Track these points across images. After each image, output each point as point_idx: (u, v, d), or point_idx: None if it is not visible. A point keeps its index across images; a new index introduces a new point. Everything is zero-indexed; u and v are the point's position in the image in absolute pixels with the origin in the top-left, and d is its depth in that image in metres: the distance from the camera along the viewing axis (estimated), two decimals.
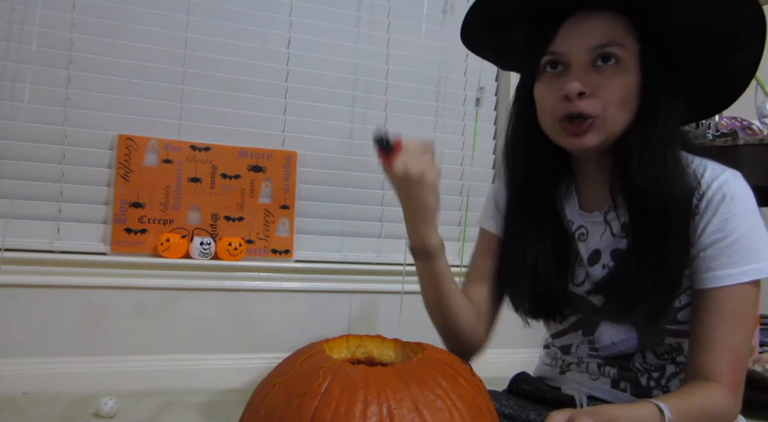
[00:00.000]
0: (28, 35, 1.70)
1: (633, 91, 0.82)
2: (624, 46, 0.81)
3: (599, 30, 0.82)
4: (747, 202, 0.81)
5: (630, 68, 0.82)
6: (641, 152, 0.82)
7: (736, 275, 0.78)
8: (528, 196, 0.94)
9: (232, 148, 1.88)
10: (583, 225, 0.93)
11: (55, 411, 1.47)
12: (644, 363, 0.90)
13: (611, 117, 0.82)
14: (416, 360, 0.66)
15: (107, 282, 1.71)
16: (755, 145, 1.60)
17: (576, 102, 0.82)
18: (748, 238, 0.79)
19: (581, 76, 0.82)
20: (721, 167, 0.84)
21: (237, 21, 1.92)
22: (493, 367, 1.20)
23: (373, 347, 0.73)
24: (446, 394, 0.59)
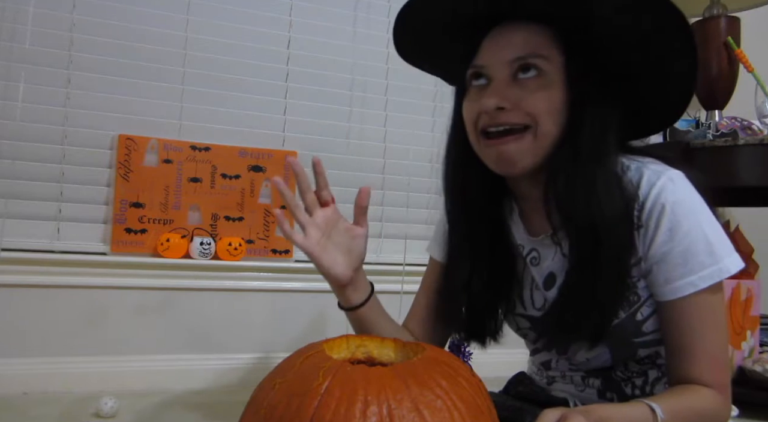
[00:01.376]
0: (21, 34, 1.70)
1: (559, 106, 0.78)
2: (546, 57, 0.78)
3: (520, 42, 0.79)
4: (690, 206, 0.77)
5: (554, 81, 0.78)
6: (568, 172, 0.78)
7: (696, 282, 0.75)
8: (464, 219, 0.90)
9: (232, 148, 1.87)
10: (534, 249, 0.89)
11: (55, 411, 1.47)
12: (626, 371, 0.89)
13: (543, 127, 0.78)
14: (416, 360, 0.66)
15: (107, 282, 1.71)
16: (755, 145, 1.60)
17: (498, 115, 0.78)
18: (699, 243, 0.76)
19: (501, 90, 0.78)
20: (657, 171, 0.78)
21: (237, 21, 1.92)
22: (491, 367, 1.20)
23: (373, 347, 0.73)
24: (446, 394, 0.59)
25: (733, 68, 1.96)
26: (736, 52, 1.87)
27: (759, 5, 2.06)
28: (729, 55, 1.93)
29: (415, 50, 0.93)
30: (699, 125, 1.87)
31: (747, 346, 1.69)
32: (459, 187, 0.90)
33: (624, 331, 0.83)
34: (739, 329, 1.67)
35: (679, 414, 0.71)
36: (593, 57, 0.79)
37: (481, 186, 0.88)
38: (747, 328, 1.69)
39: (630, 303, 0.82)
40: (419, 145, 2.09)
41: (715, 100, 2.00)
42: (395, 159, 2.07)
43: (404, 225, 2.05)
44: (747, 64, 1.80)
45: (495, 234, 0.90)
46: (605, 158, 0.78)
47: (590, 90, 0.79)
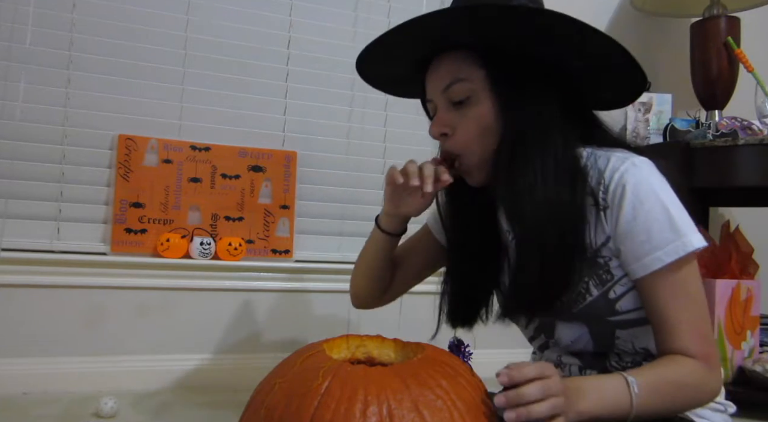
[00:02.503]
0: (21, 34, 1.70)
1: (490, 117, 0.86)
2: (467, 79, 0.87)
3: (444, 72, 0.89)
4: (651, 186, 0.81)
5: (481, 96, 0.87)
6: (508, 167, 0.84)
7: (661, 257, 0.78)
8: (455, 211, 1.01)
9: (232, 148, 1.88)
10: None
11: (55, 411, 1.47)
12: (620, 361, 0.91)
13: (477, 151, 0.88)
14: (416, 360, 0.66)
15: (107, 282, 1.71)
16: (755, 145, 1.60)
17: (444, 142, 0.91)
18: (660, 219, 0.79)
19: (443, 117, 0.90)
20: (623, 157, 0.84)
21: (237, 21, 1.92)
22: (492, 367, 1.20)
23: (373, 347, 0.74)
24: (446, 394, 0.59)
25: (733, 68, 1.96)
26: (736, 52, 1.87)
27: (759, 5, 2.06)
28: (729, 55, 1.93)
29: (385, 88, 1.12)
30: (699, 125, 1.87)
31: (747, 346, 1.69)
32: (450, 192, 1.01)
33: (597, 309, 0.87)
34: (739, 329, 1.67)
35: (656, 385, 0.73)
36: (510, 61, 0.86)
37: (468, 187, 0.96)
38: (747, 328, 1.69)
39: (603, 281, 0.86)
40: (419, 145, 2.09)
41: (715, 100, 2.00)
42: (395, 159, 2.07)
43: None
44: (747, 64, 1.80)
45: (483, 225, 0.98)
46: (531, 151, 0.83)
47: (512, 92, 0.86)
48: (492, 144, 0.87)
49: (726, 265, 1.73)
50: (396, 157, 2.07)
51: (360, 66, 1.01)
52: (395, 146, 2.08)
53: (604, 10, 2.30)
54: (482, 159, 0.88)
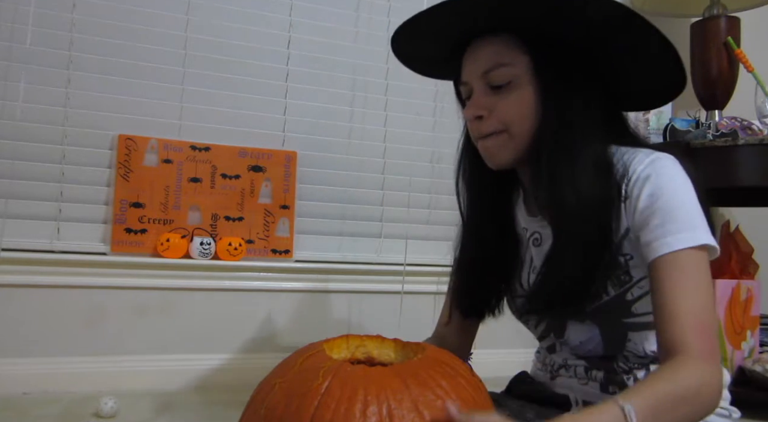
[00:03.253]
0: (21, 34, 1.70)
1: (532, 103, 0.86)
2: (510, 64, 0.86)
3: (485, 55, 0.88)
4: (673, 179, 0.82)
5: (523, 82, 0.86)
6: (541, 160, 0.84)
7: (671, 242, 0.78)
8: (474, 208, 0.99)
9: (232, 148, 1.88)
10: (536, 231, 0.95)
11: (55, 411, 1.47)
12: (627, 362, 0.90)
13: (515, 130, 0.86)
14: (416, 360, 0.66)
15: (107, 282, 1.71)
16: (755, 145, 1.60)
17: (478, 125, 0.89)
18: (678, 209, 0.79)
19: (480, 99, 0.89)
20: (649, 152, 0.85)
21: (237, 21, 1.92)
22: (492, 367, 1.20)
23: (373, 347, 0.74)
24: (446, 394, 0.59)
25: (733, 68, 1.96)
26: (736, 52, 1.87)
27: (759, 5, 2.06)
28: (729, 55, 1.93)
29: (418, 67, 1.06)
30: (699, 125, 1.87)
31: (747, 346, 1.69)
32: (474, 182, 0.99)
33: (613, 310, 0.87)
34: (739, 329, 1.67)
35: (656, 407, 0.69)
36: (557, 49, 0.86)
37: (491, 178, 0.96)
38: (747, 328, 1.69)
39: (621, 283, 0.86)
40: (419, 145, 2.09)
41: (715, 100, 2.00)
42: (395, 159, 2.07)
43: (404, 226, 2.05)
44: (747, 64, 1.80)
45: (502, 223, 0.98)
46: (573, 143, 0.83)
47: (556, 81, 0.85)
48: (529, 128, 0.86)
49: (726, 265, 1.73)
50: (396, 157, 2.07)
51: (395, 42, 0.98)
52: (395, 146, 2.08)
53: None
54: (517, 140, 0.87)
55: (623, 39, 0.83)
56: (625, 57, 0.87)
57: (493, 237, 0.97)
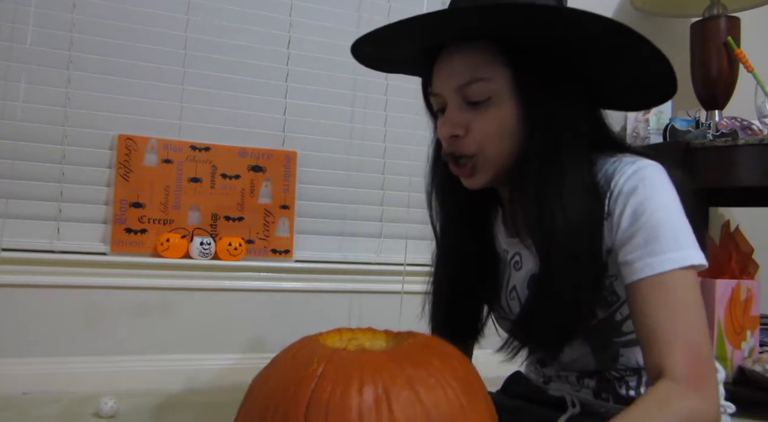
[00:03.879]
0: (21, 34, 1.70)
1: (512, 120, 0.79)
2: (489, 79, 0.78)
3: (461, 68, 0.80)
4: (657, 193, 0.75)
5: (503, 98, 0.78)
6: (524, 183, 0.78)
7: (654, 264, 0.72)
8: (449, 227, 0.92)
9: (232, 148, 1.88)
10: (517, 252, 0.89)
11: (55, 411, 1.47)
12: (619, 372, 0.88)
13: (491, 153, 0.79)
14: (407, 344, 0.66)
15: (107, 282, 1.71)
16: (755, 145, 1.60)
17: (453, 144, 0.81)
18: (662, 227, 0.73)
19: (454, 116, 0.80)
20: (631, 162, 0.78)
21: (237, 21, 1.92)
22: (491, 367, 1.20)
23: (365, 339, 0.74)
24: (439, 372, 0.60)
25: (733, 68, 1.96)
26: (736, 52, 1.87)
27: (759, 5, 2.06)
28: (729, 55, 1.93)
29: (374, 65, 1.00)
30: (699, 125, 1.87)
31: (747, 346, 1.69)
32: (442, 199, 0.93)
33: (604, 331, 0.82)
34: (739, 329, 1.67)
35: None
36: (540, 62, 0.79)
37: (462, 196, 0.89)
38: (747, 328, 1.69)
39: (609, 304, 0.82)
40: (419, 145, 2.09)
41: (715, 100, 2.00)
42: (395, 159, 2.07)
43: (404, 226, 2.05)
44: (747, 64, 1.80)
45: (480, 242, 0.91)
46: (562, 167, 0.77)
47: (541, 97, 0.78)
48: (509, 147, 0.79)
49: (726, 265, 1.73)
50: (396, 157, 2.07)
51: (357, 48, 0.93)
52: (395, 146, 2.08)
53: (604, 10, 2.30)
54: (495, 161, 0.80)
55: (613, 49, 0.77)
56: (614, 64, 0.81)
57: (474, 259, 0.90)
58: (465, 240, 0.90)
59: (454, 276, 0.90)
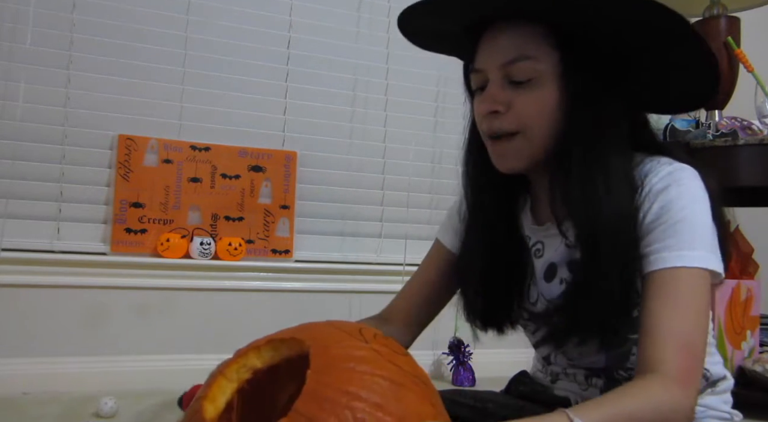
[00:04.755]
0: (21, 34, 1.70)
1: (554, 103, 0.78)
2: (535, 58, 0.77)
3: (509, 44, 0.78)
4: (688, 194, 0.75)
5: (547, 81, 0.78)
6: (567, 168, 0.77)
7: (668, 258, 0.73)
8: (482, 211, 0.90)
9: (232, 148, 1.87)
10: (539, 241, 0.90)
11: (55, 411, 1.47)
12: (629, 371, 0.87)
13: (531, 132, 0.78)
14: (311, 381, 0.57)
15: (107, 282, 1.71)
16: (755, 145, 1.60)
17: (492, 121, 0.79)
18: (685, 226, 0.74)
19: (496, 93, 0.79)
20: (668, 163, 0.78)
21: (237, 21, 1.92)
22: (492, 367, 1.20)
23: (255, 358, 0.70)
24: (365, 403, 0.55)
25: (733, 68, 1.96)
26: (736, 52, 1.87)
27: (759, 5, 2.06)
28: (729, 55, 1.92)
29: (421, 42, 0.95)
30: (699, 125, 1.87)
31: (747, 346, 1.69)
32: (480, 184, 0.91)
33: (620, 327, 0.81)
34: (739, 329, 1.67)
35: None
36: (591, 49, 0.78)
37: (497, 182, 0.88)
38: (747, 328, 1.69)
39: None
40: (419, 145, 2.09)
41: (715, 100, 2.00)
42: (395, 159, 2.07)
43: (404, 225, 2.05)
44: (747, 64, 1.79)
45: (510, 227, 0.91)
46: (606, 154, 0.77)
47: (588, 85, 0.78)
48: (548, 133, 0.78)
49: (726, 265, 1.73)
50: (396, 157, 2.07)
51: (404, 20, 0.87)
52: (395, 146, 2.08)
53: None
54: (535, 142, 0.79)
55: (668, 48, 0.77)
56: (664, 65, 0.81)
57: (504, 243, 0.89)
58: (497, 224, 0.89)
59: (487, 261, 0.89)
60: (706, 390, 0.85)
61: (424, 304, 0.98)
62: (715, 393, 0.86)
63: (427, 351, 1.96)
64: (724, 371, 0.88)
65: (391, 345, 0.64)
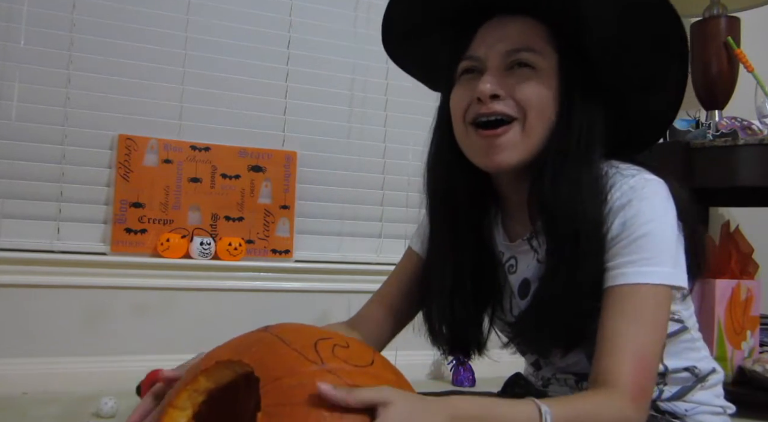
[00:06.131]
0: (21, 34, 1.69)
1: (550, 101, 0.78)
2: (541, 53, 0.78)
3: (515, 34, 0.78)
4: (651, 206, 0.74)
5: (546, 78, 0.78)
6: (555, 171, 0.77)
7: (629, 274, 0.72)
8: (448, 222, 0.88)
9: (232, 148, 1.87)
10: (513, 257, 0.88)
11: (55, 411, 1.47)
12: None
13: (529, 122, 0.77)
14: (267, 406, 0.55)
15: (107, 282, 1.71)
16: (755, 145, 1.60)
17: (491, 104, 0.77)
18: (648, 240, 0.73)
19: (498, 77, 0.77)
20: (633, 174, 0.77)
21: (237, 21, 1.92)
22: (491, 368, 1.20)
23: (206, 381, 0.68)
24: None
25: (733, 68, 1.96)
26: (736, 52, 1.87)
27: (759, 5, 2.06)
28: (729, 55, 1.92)
29: (400, 46, 0.95)
30: (699, 125, 1.87)
31: (747, 346, 1.69)
32: (447, 195, 0.89)
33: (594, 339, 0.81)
34: (739, 329, 1.67)
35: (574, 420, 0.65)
36: (584, 61, 0.80)
37: (467, 192, 0.86)
38: (747, 328, 1.69)
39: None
40: (419, 145, 2.08)
41: (715, 100, 2.00)
42: (395, 159, 2.07)
43: (404, 225, 2.05)
44: (747, 64, 1.79)
45: (479, 241, 0.88)
46: (591, 161, 0.77)
47: (580, 92, 0.79)
48: (544, 124, 0.78)
49: (726, 265, 1.73)
50: (396, 157, 2.07)
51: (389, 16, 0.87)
52: (395, 146, 2.08)
53: None
54: (529, 136, 0.77)
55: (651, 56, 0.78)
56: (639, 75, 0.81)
57: (470, 260, 0.86)
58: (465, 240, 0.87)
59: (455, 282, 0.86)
60: (696, 386, 0.85)
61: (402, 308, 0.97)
62: (706, 387, 0.86)
63: (427, 352, 1.95)
64: (713, 364, 0.88)
65: (353, 357, 0.59)
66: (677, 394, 0.84)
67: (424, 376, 1.98)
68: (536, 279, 0.82)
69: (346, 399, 0.52)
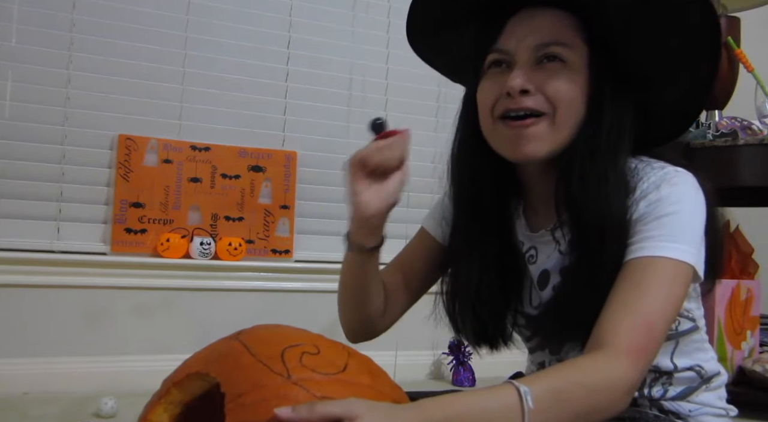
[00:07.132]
0: (21, 34, 1.69)
1: (579, 96, 0.77)
2: (571, 47, 0.77)
3: (545, 28, 0.77)
4: (682, 193, 0.74)
5: (577, 72, 0.77)
6: (584, 166, 0.76)
7: (650, 247, 0.71)
8: (473, 214, 0.87)
9: (232, 148, 1.87)
10: (533, 247, 0.88)
11: (55, 411, 1.47)
12: None
13: (559, 117, 0.76)
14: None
15: (107, 282, 1.71)
16: (755, 145, 1.60)
17: (521, 99, 0.76)
18: (671, 219, 0.72)
19: (528, 72, 0.76)
20: (663, 166, 0.77)
21: (237, 21, 1.92)
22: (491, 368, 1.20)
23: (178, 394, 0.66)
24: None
25: (733, 68, 1.96)
26: (736, 52, 1.87)
27: (759, 5, 2.06)
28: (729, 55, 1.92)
29: (426, 39, 0.93)
30: (699, 125, 1.87)
31: (747, 346, 1.69)
32: (472, 186, 0.88)
33: None
34: (739, 329, 1.67)
35: (561, 393, 0.63)
36: (614, 53, 0.79)
37: (492, 183, 0.86)
38: (747, 328, 1.69)
39: None
40: (420, 145, 2.09)
41: (715, 100, 1.99)
42: None
43: (404, 225, 2.05)
44: (747, 64, 1.79)
45: (503, 231, 0.88)
46: (620, 156, 0.77)
47: (610, 86, 0.78)
48: (573, 120, 0.77)
49: (726, 265, 1.73)
50: None
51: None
52: None
53: None
54: (562, 126, 0.77)
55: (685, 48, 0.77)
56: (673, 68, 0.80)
57: (495, 251, 0.86)
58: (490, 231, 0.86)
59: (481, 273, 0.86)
60: (701, 387, 0.85)
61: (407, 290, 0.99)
62: (710, 389, 0.85)
63: (427, 352, 1.96)
64: (718, 366, 0.87)
65: (322, 365, 0.56)
66: (682, 394, 0.84)
67: (424, 376, 1.98)
68: (557, 270, 0.82)
69: (308, 418, 0.50)
